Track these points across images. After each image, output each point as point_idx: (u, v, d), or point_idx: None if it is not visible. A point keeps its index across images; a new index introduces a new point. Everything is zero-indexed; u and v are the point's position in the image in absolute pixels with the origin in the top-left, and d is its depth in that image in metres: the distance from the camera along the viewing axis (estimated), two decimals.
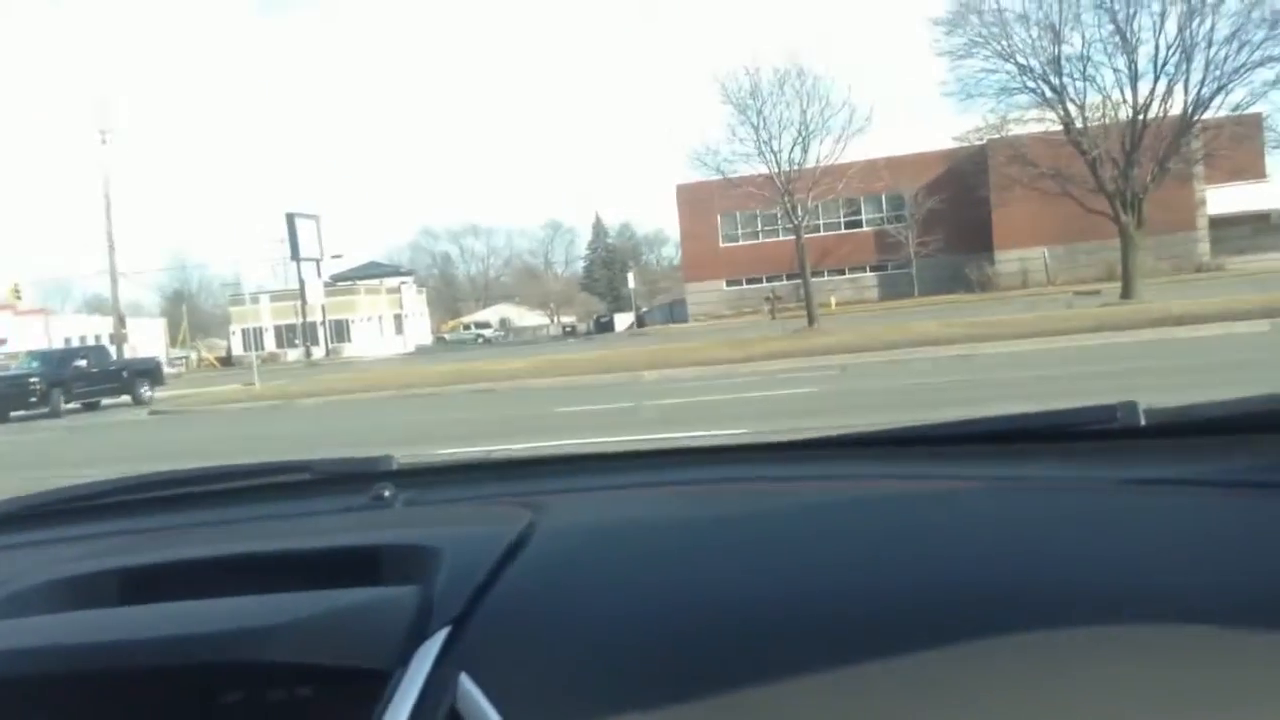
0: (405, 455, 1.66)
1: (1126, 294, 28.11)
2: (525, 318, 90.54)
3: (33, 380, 24.52)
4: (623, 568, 1.05)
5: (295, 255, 58.47)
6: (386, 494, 1.38)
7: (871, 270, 54.81)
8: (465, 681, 0.88)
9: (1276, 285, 24.30)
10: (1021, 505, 1.08)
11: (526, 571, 1.05)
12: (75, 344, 50.42)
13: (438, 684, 0.90)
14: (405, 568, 1.09)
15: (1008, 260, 49.22)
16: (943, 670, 0.81)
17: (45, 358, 27.07)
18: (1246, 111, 30.02)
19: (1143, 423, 1.19)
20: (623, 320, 65.21)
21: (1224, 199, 46.45)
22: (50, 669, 1.00)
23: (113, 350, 33.41)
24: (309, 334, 59.74)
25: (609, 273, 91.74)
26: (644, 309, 67.81)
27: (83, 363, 26.44)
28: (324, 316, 59.86)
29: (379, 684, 0.93)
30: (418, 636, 0.96)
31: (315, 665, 0.98)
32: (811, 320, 30.12)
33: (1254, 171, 43.83)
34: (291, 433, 15.86)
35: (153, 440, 17.16)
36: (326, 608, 1.02)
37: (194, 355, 71.16)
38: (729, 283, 56.60)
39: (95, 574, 1.20)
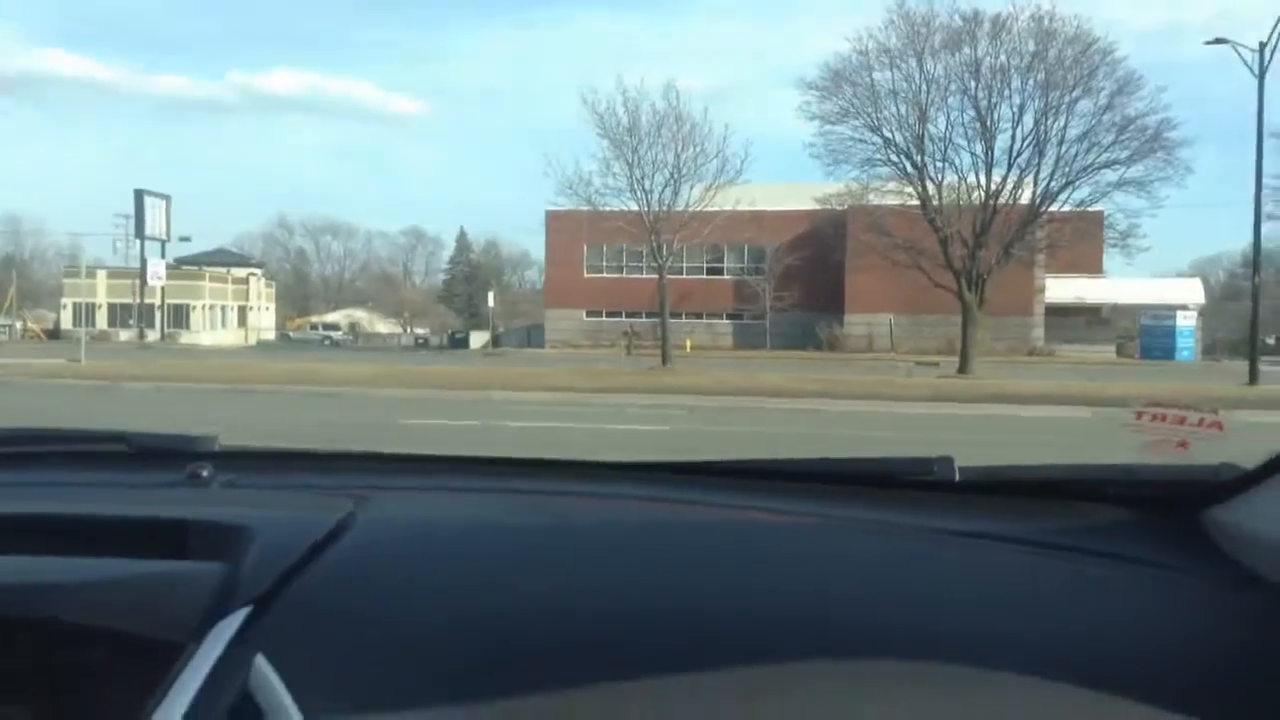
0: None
1: (963, 368, 29.38)
2: (377, 325, 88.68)
3: None
4: (437, 567, 1.04)
5: (140, 233, 56.19)
6: (204, 473, 1.33)
7: (728, 318, 55.81)
8: (261, 662, 0.86)
9: (1102, 375, 25.81)
10: (835, 542, 1.13)
11: (339, 560, 1.03)
12: None
13: (232, 662, 0.87)
14: (213, 544, 1.05)
15: (856, 323, 50.87)
16: (735, 690, 0.83)
17: None
18: (1090, 209, 31.88)
19: (957, 478, 1.26)
20: (478, 338, 64.51)
21: (1061, 289, 49.18)
22: None
23: None
24: (145, 316, 57.12)
25: (469, 289, 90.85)
26: (501, 329, 67.29)
27: None
28: (163, 299, 57.33)
29: (173, 656, 0.90)
30: (218, 613, 0.93)
31: (109, 630, 0.96)
32: (666, 360, 30.47)
33: (1091, 266, 46.56)
34: (113, 415, 15.06)
35: None
36: (126, 574, 1.00)
37: (19, 325, 67.13)
38: (589, 313, 56.75)
39: None
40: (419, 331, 79.24)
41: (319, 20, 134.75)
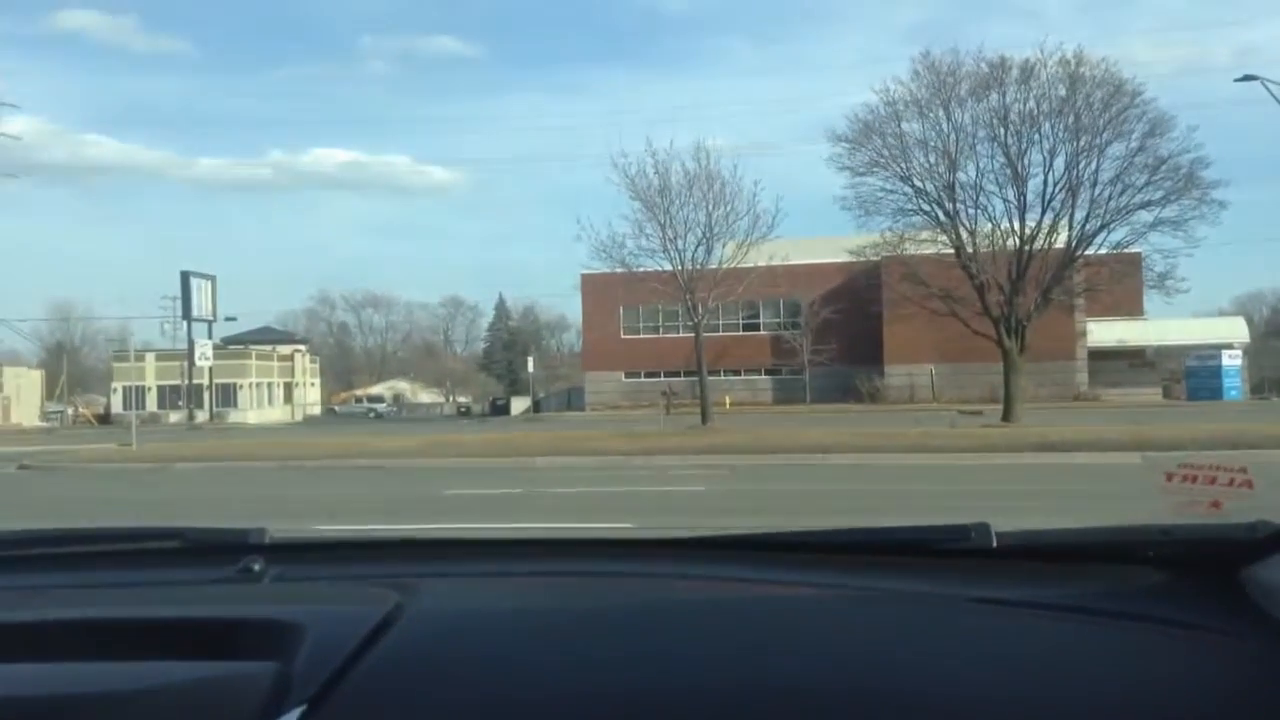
0: (282, 529, 1.64)
1: (1007, 416, 29.04)
2: (420, 395, 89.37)
3: None
4: (486, 658, 1.06)
5: (187, 314, 57.09)
6: (256, 567, 1.37)
7: (766, 374, 55.73)
8: None
9: (1148, 419, 25.43)
10: (874, 615, 1.14)
11: (389, 655, 1.05)
12: None
13: None
14: (267, 643, 1.08)
15: (896, 375, 50.57)
16: None
17: None
18: (1127, 250, 31.59)
19: (994, 544, 1.27)
20: (519, 404, 64.87)
21: (1103, 332, 48.70)
22: None
23: None
24: (194, 396, 58.00)
25: (509, 355, 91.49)
26: (541, 394, 67.60)
27: None
28: (210, 379, 58.22)
29: None
30: (272, 715, 0.95)
31: None
32: (705, 418, 30.41)
33: (1132, 308, 46.04)
34: (165, 498, 15.32)
35: (18, 496, 16.41)
36: (183, 679, 1.02)
37: (70, 411, 68.35)
38: (628, 374, 56.90)
39: None
40: (461, 400, 79.88)
41: (356, 99, 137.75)
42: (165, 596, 1.33)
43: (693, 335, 32.02)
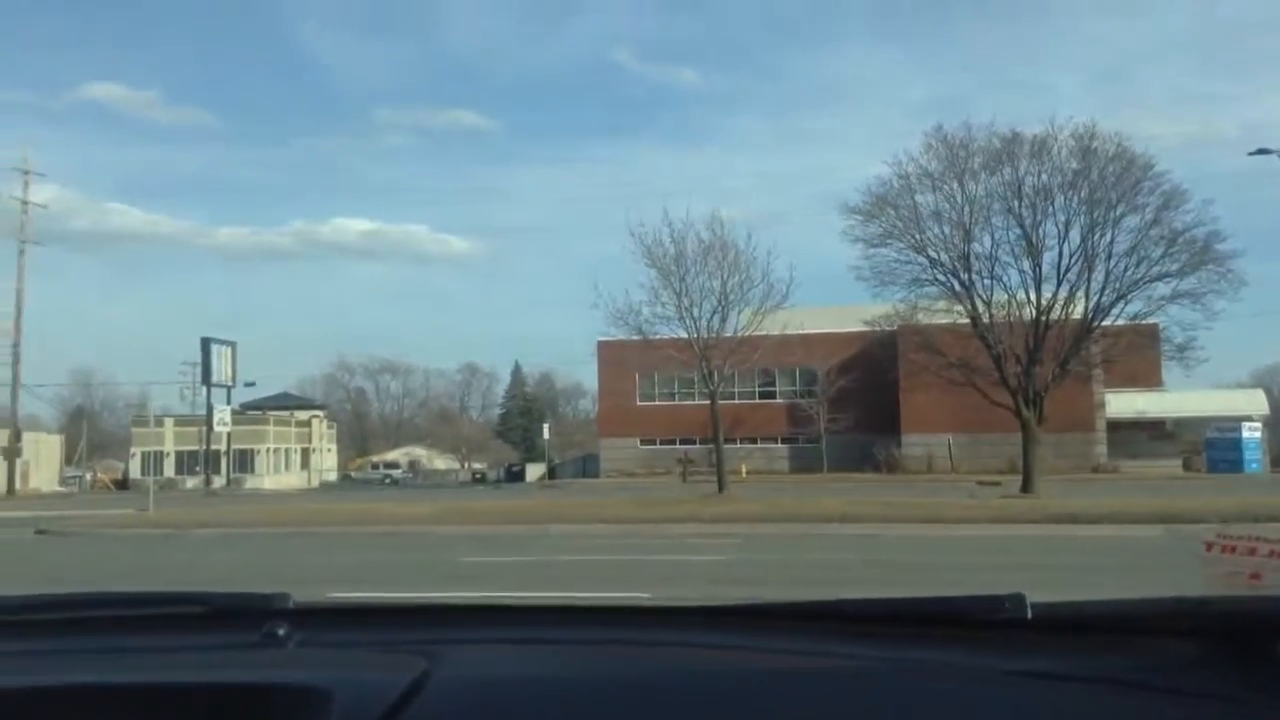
0: (300, 596, 1.66)
1: (1026, 488, 28.80)
2: (436, 460, 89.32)
3: None
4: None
5: (207, 380, 57.52)
6: (280, 632, 1.36)
7: (783, 442, 55.56)
8: None
9: (1169, 491, 25.19)
10: (907, 688, 1.13)
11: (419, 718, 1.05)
12: None
13: None
14: (295, 709, 1.08)
15: (914, 444, 50.33)
16: None
17: None
18: (1144, 322, 31.49)
19: (1029, 615, 1.24)
20: (534, 470, 64.75)
21: (1122, 404, 48.47)
22: None
23: None
24: (211, 462, 58.15)
25: (525, 421, 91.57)
26: (557, 461, 67.49)
27: None
28: (228, 445, 58.42)
29: None
30: None
31: None
32: (722, 486, 30.29)
33: (1151, 379, 45.82)
34: (183, 563, 15.32)
35: (36, 562, 16.43)
36: None
37: (89, 476, 68.56)
38: (643, 441, 56.82)
39: None
40: (476, 466, 79.76)
41: (374, 170, 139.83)
42: (191, 661, 1.33)
43: (708, 402, 32.01)
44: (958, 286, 30.20)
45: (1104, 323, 30.48)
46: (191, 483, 60.42)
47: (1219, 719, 1.04)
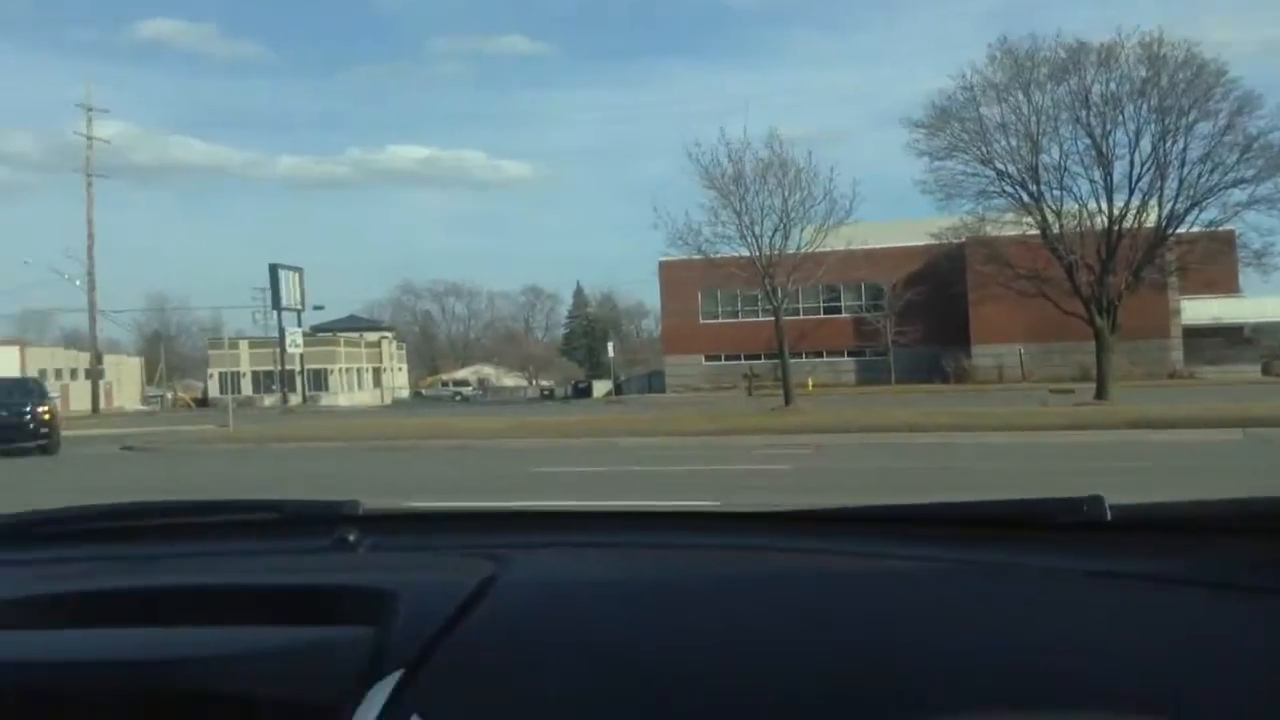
0: (374, 505, 1.68)
1: (1100, 395, 28.41)
2: (504, 378, 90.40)
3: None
4: (580, 626, 1.06)
5: (276, 304, 58.51)
6: (351, 538, 1.38)
7: (849, 355, 55.23)
8: None
9: (1248, 396, 24.66)
10: (987, 590, 1.09)
11: (484, 621, 1.06)
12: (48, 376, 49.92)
13: None
14: (363, 609, 1.09)
15: (983, 355, 49.72)
16: None
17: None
18: (1220, 229, 30.63)
19: (1109, 517, 1.19)
20: (601, 387, 65.25)
21: (1198, 310, 47.28)
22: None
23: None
24: (286, 381, 59.52)
25: (589, 341, 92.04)
26: (623, 378, 67.89)
27: None
28: (302, 365, 59.67)
29: (329, 717, 0.96)
30: (372, 677, 0.98)
31: (262, 697, 1.00)
32: (788, 399, 30.27)
33: (1228, 286, 44.62)
34: (262, 476, 15.77)
35: (124, 475, 17.02)
36: (282, 643, 1.04)
37: (170, 395, 70.65)
38: (707, 358, 56.85)
39: (55, 595, 1.22)
40: (544, 383, 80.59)
41: (429, 97, 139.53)
42: (265, 565, 1.36)
43: (772, 319, 31.82)
44: (1026, 198, 29.61)
45: (1178, 230, 29.70)
46: (268, 401, 62.01)
47: None
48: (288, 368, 58.29)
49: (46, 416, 21.59)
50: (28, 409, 21.45)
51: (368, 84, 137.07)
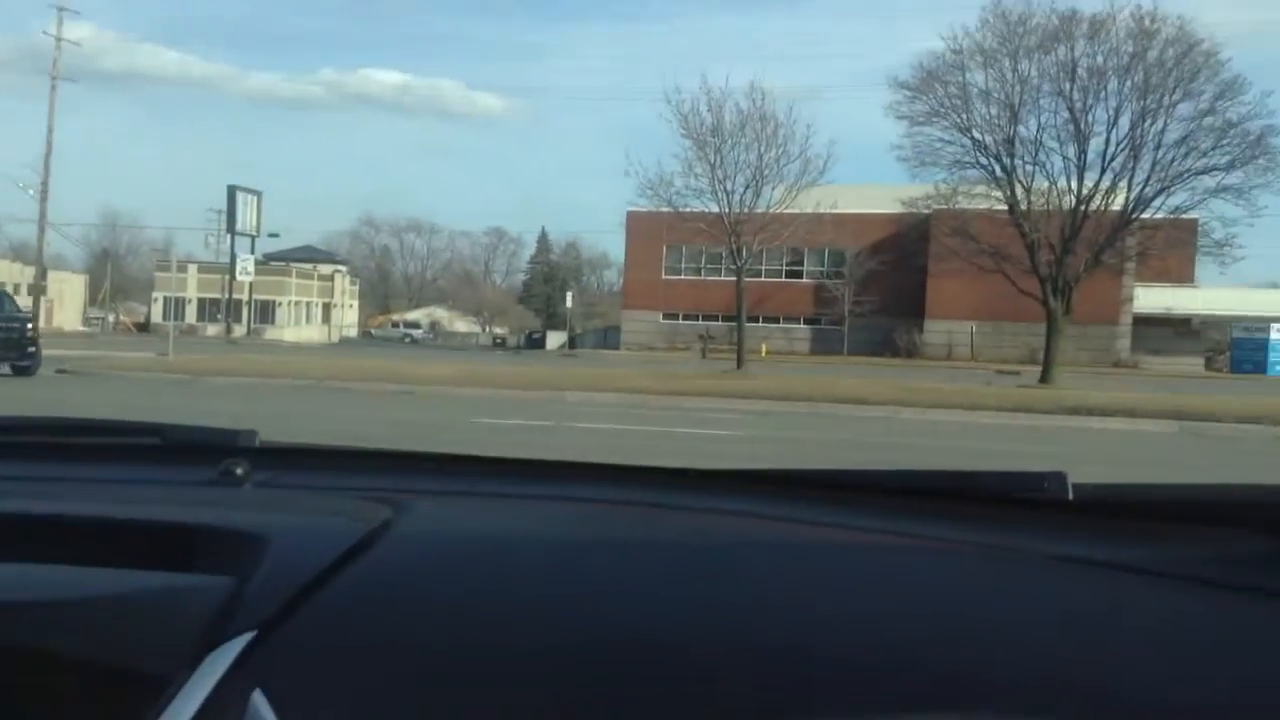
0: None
1: (1045, 378, 28.70)
2: (457, 323, 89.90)
3: None
4: (478, 585, 0.92)
5: (231, 228, 57.63)
6: (239, 471, 1.23)
7: (805, 323, 55.39)
8: (258, 700, 0.75)
9: (1188, 389, 25.01)
10: (942, 566, 0.99)
11: (366, 576, 0.91)
12: None
13: (223, 698, 0.76)
14: (227, 556, 0.94)
15: (936, 330, 50.10)
16: None
17: None
18: (1184, 216, 30.93)
19: (1070, 497, 1.10)
20: (555, 339, 64.99)
21: (1151, 298, 47.86)
22: None
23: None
24: (233, 311, 58.61)
25: (548, 289, 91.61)
26: (578, 331, 67.70)
27: None
28: (250, 295, 58.75)
29: (158, 687, 0.79)
30: (218, 638, 0.82)
31: (89, 656, 0.86)
32: (741, 364, 30.30)
33: (1182, 275, 45.22)
34: (192, 410, 15.40)
35: (53, 399, 16.59)
36: (117, 590, 0.89)
37: (112, 318, 69.45)
38: (666, 315, 56.77)
39: None
40: (497, 331, 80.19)
41: (408, 20, 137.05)
42: (129, 495, 1.19)
43: (734, 279, 31.74)
44: (999, 171, 29.77)
45: (1143, 215, 29.98)
46: (212, 330, 61.13)
47: None
48: (235, 297, 57.42)
49: (32, 334, 20.96)
50: (17, 325, 20.64)
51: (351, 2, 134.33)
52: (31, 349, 20.61)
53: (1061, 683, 0.76)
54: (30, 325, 21.11)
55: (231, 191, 57.83)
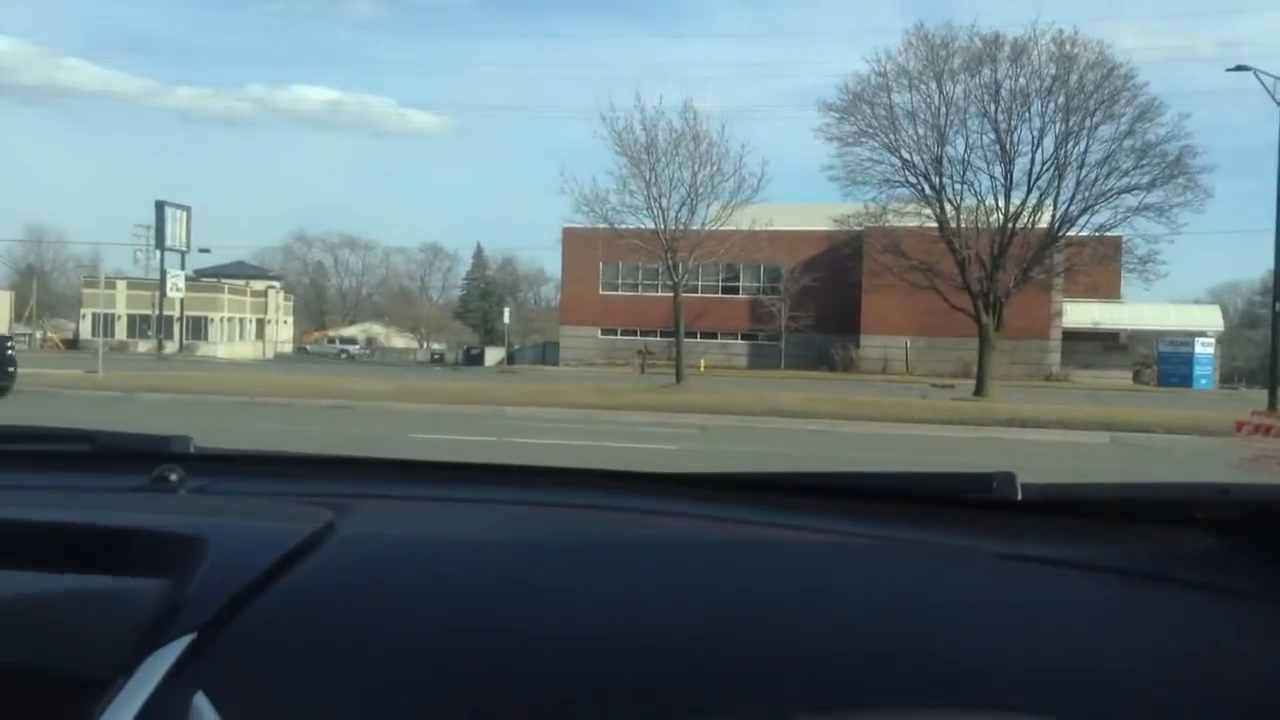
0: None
1: (979, 392, 29.15)
2: (394, 339, 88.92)
3: None
4: (421, 590, 0.91)
5: (160, 244, 56.52)
6: (173, 477, 1.21)
7: (743, 338, 55.67)
8: (200, 703, 0.74)
9: (1118, 401, 25.57)
10: (892, 566, 1.00)
11: (307, 580, 0.90)
12: None
13: (164, 702, 0.75)
14: (164, 560, 0.92)
15: (872, 345, 50.67)
16: None
17: None
18: (1109, 234, 31.67)
19: (1019, 497, 1.12)
20: (493, 355, 64.53)
21: (1079, 314, 48.91)
22: None
23: None
24: (164, 327, 57.40)
25: (485, 305, 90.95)
26: (516, 347, 67.32)
27: None
28: (182, 311, 57.59)
29: (98, 695, 0.78)
30: (155, 642, 0.81)
31: (23, 663, 0.83)
32: (679, 378, 30.37)
33: (1110, 291, 46.28)
34: (125, 424, 15.03)
35: None
36: (51, 594, 0.88)
37: (39, 334, 67.61)
38: (604, 331, 56.70)
39: None
40: (435, 347, 79.35)
41: (339, 39, 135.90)
42: (60, 501, 1.17)
43: (671, 295, 31.83)
44: (928, 190, 30.19)
45: (1069, 232, 30.66)
46: (144, 346, 59.76)
47: (1247, 617, 0.90)
48: (166, 313, 56.29)
49: (13, 353, 20.36)
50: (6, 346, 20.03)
51: (277, 18, 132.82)
52: (11, 369, 20.06)
53: (1010, 675, 0.78)
54: (10, 345, 20.44)
55: (160, 206, 56.71)
